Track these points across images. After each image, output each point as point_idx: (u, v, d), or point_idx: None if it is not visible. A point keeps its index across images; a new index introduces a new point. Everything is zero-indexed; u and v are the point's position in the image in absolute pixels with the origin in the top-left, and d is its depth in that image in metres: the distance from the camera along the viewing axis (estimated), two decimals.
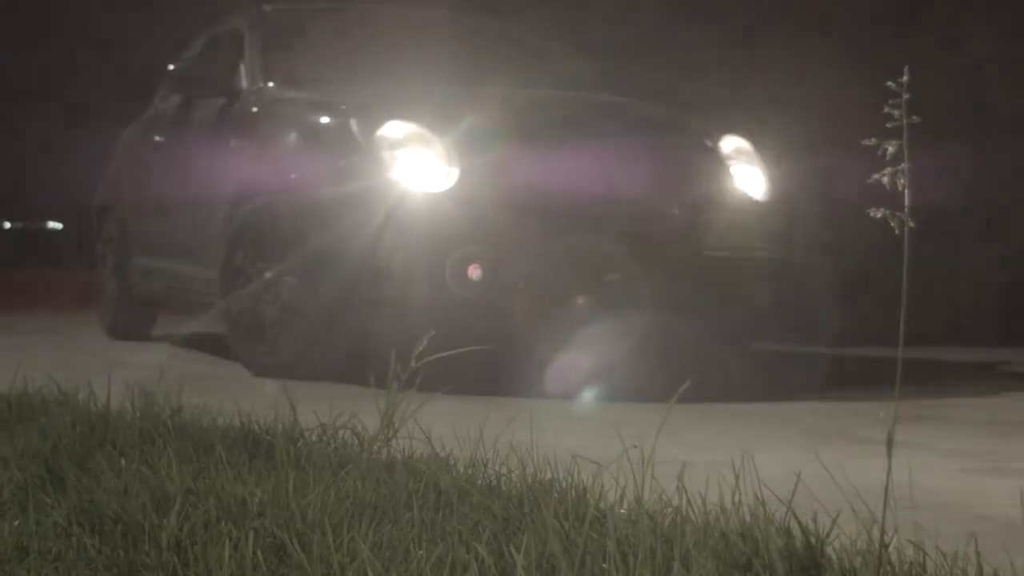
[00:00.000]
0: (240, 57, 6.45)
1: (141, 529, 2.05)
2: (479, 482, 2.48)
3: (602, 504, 2.20)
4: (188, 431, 3.14)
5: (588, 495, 2.27)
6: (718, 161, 5.59)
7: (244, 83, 6.30)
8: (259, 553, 1.90)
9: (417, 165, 5.17)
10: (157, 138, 7.38)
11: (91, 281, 8.61)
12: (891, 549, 1.82)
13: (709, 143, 5.69)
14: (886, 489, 1.77)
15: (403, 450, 2.81)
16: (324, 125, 5.63)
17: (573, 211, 5.19)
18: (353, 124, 5.36)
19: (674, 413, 2.45)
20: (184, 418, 3.35)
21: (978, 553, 1.81)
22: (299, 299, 5.42)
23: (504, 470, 2.57)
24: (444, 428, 3.07)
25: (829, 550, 1.87)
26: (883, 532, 1.78)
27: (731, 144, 5.67)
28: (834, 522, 1.94)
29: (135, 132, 8.02)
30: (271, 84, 6.19)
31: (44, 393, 3.71)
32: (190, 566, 1.85)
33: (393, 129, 5.26)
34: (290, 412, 3.16)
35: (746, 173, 5.58)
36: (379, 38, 6.77)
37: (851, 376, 5.73)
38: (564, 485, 2.35)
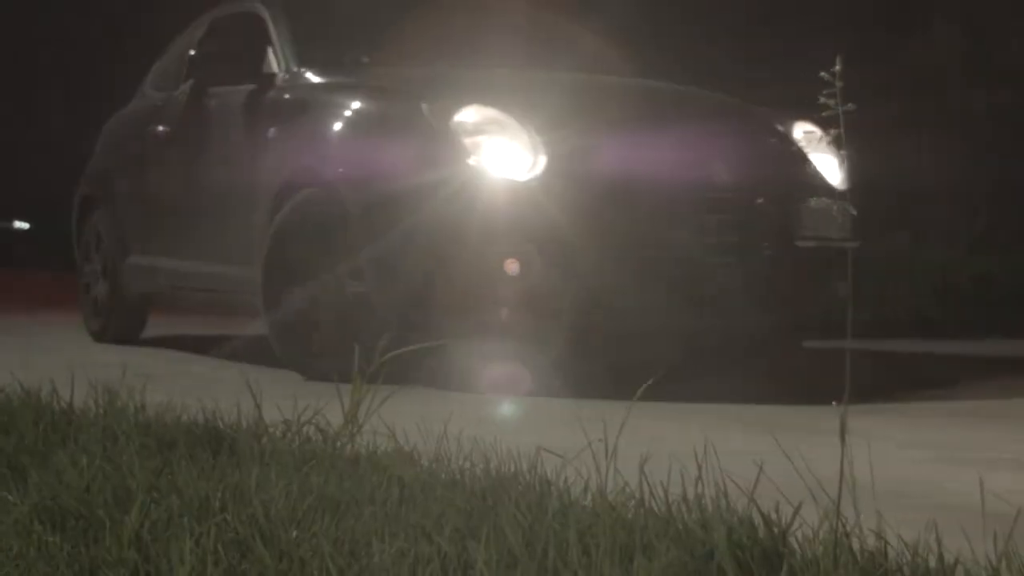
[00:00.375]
0: (264, 41, 6.12)
1: (102, 525, 2.04)
2: (443, 476, 2.48)
3: (566, 496, 2.21)
4: (152, 428, 3.13)
5: (552, 487, 2.27)
6: (796, 148, 5.42)
7: (277, 68, 5.96)
8: (220, 548, 1.90)
9: (500, 152, 4.91)
10: (160, 128, 6.95)
11: (58, 281, 8.47)
12: (852, 538, 1.82)
13: (782, 129, 5.51)
14: (840, 475, 1.78)
15: (367, 445, 2.81)
16: (388, 111, 5.32)
17: (668, 200, 4.95)
18: (425, 109, 5.05)
19: (640, 408, 2.45)
20: (148, 415, 3.34)
21: (939, 541, 1.82)
22: (372, 296, 5.08)
23: (468, 464, 2.58)
24: (409, 423, 3.07)
25: (791, 540, 1.88)
26: (838, 517, 1.79)
27: (802, 130, 5.48)
28: (796, 511, 1.95)
29: (124, 123, 7.66)
30: (308, 69, 5.89)
31: (8, 392, 3.69)
32: (151, 561, 1.85)
33: (471, 114, 5.00)
34: (255, 409, 3.16)
35: (821, 160, 5.39)
36: (406, 20, 6.36)
37: (817, 369, 5.74)
38: (528, 478, 2.36)
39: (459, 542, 1.95)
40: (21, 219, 37.87)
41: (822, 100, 1.96)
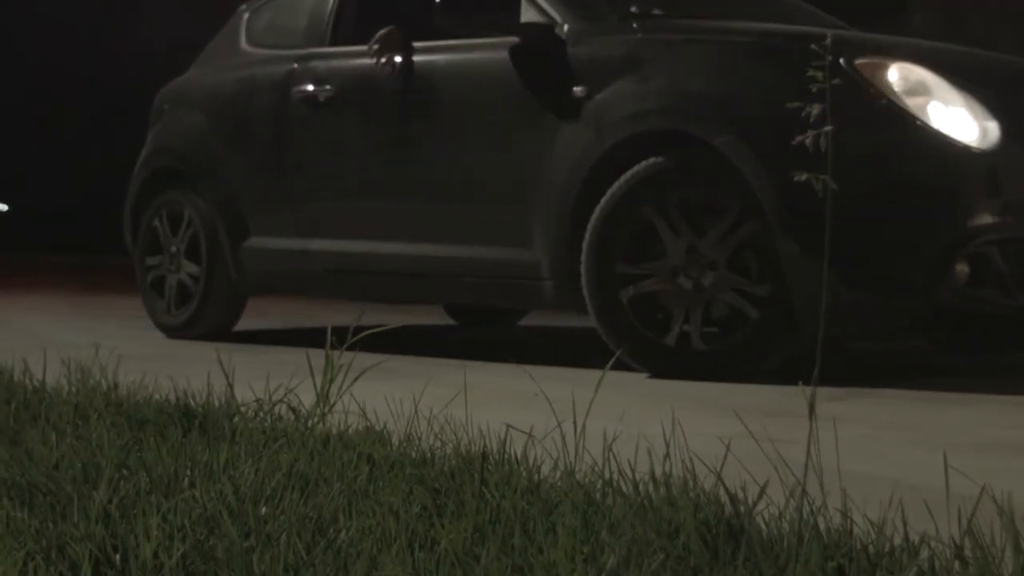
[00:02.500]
0: None
1: (70, 501, 2.04)
2: (413, 455, 2.49)
3: (534, 475, 2.22)
4: (123, 407, 3.14)
5: (520, 466, 2.28)
6: None
7: (557, 18, 5.21)
8: (188, 524, 1.90)
9: (947, 116, 4.46)
10: (316, 89, 6.11)
11: (35, 264, 8.37)
12: (818, 517, 1.84)
13: None
14: (807, 454, 1.79)
15: (339, 424, 2.81)
16: (780, 64, 4.59)
17: None
18: (844, 64, 4.46)
19: (611, 388, 2.47)
20: (120, 394, 3.34)
21: (904, 520, 1.84)
22: (795, 279, 4.47)
23: (438, 443, 2.59)
24: (380, 403, 3.08)
25: (758, 518, 1.89)
26: (803, 495, 1.80)
27: None
28: (762, 490, 1.96)
29: (219, 87, 6.73)
30: (607, 22, 5.20)
31: None
32: (118, 537, 1.85)
33: (906, 74, 4.52)
34: (227, 388, 3.16)
35: None
36: None
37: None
38: (496, 456, 2.37)
39: (426, 519, 1.96)
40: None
41: (809, 74, 1.96)
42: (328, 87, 6.08)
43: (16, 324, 7.69)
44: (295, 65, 6.31)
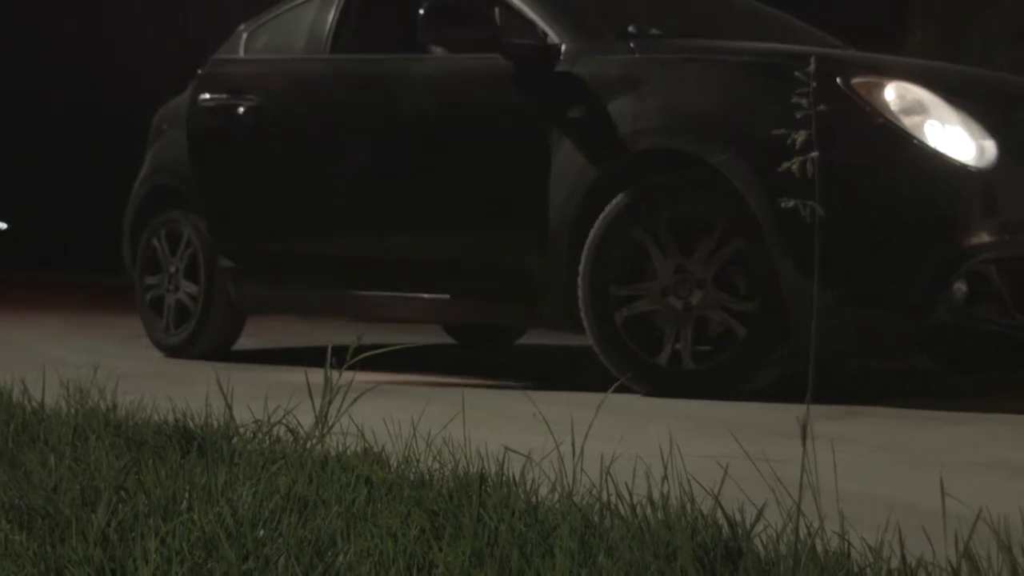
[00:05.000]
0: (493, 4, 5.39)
1: (69, 524, 2.04)
2: (411, 476, 2.49)
3: (532, 497, 2.23)
4: (122, 428, 3.14)
5: (518, 488, 2.28)
6: None
7: (553, 37, 5.20)
8: (185, 547, 1.90)
9: (944, 135, 4.44)
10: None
11: (34, 283, 8.34)
12: (815, 539, 1.84)
13: None
14: (801, 475, 1.79)
15: (337, 446, 2.81)
16: (779, 83, 4.12)
17: None
18: (841, 83, 4.46)
19: (609, 409, 2.47)
20: (118, 415, 3.34)
21: (901, 542, 1.84)
22: (791, 292, 4.47)
23: (436, 464, 2.59)
24: (379, 424, 3.08)
25: (756, 541, 1.89)
26: (799, 517, 1.80)
27: None
28: (759, 513, 1.97)
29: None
30: (605, 41, 5.20)
31: None
32: (116, 560, 1.85)
33: (902, 93, 4.52)
34: (226, 409, 3.17)
35: None
36: None
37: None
38: (495, 479, 2.37)
39: (424, 542, 1.97)
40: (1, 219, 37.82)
41: (794, 100, 1.97)
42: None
43: (14, 343, 7.69)
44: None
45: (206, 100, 6.43)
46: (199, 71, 6.63)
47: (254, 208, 6.27)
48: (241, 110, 6.24)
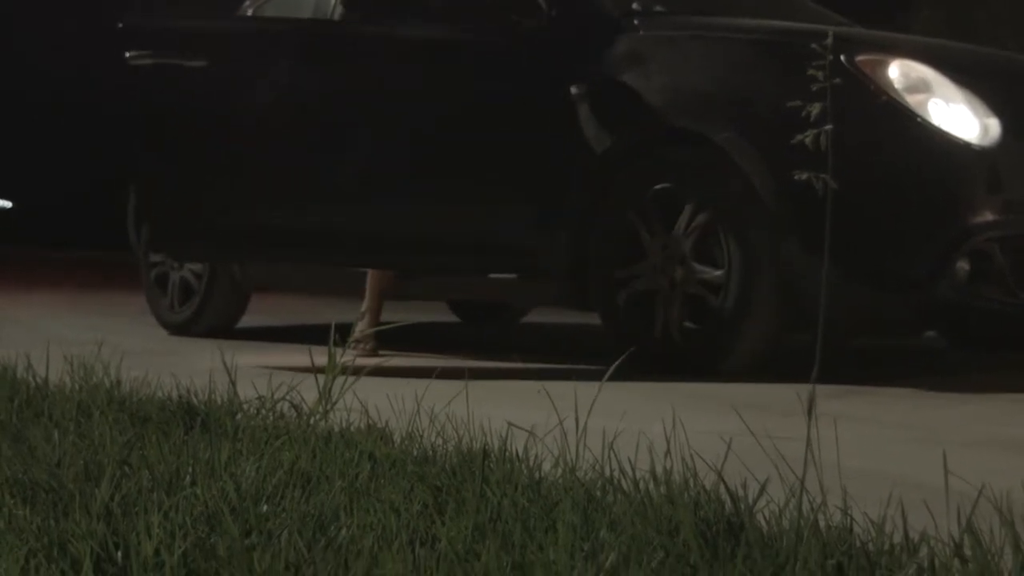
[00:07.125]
0: None
1: (72, 499, 2.05)
2: (414, 452, 2.50)
3: (535, 472, 2.23)
4: (126, 404, 3.14)
5: (521, 463, 2.29)
6: None
7: (559, 12, 5.14)
8: (189, 522, 1.91)
9: (948, 113, 4.44)
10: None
11: (38, 260, 8.33)
12: (818, 514, 1.84)
13: None
14: (806, 451, 1.79)
15: (341, 422, 2.82)
16: (792, 61, 4.21)
17: None
18: (845, 61, 4.42)
19: (613, 386, 2.47)
20: (122, 391, 3.35)
21: (904, 518, 1.84)
22: (799, 272, 4.49)
23: (439, 440, 2.59)
24: (383, 400, 3.08)
25: (759, 516, 1.89)
26: (802, 492, 1.80)
27: None
28: (762, 488, 1.97)
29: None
30: (610, 18, 5.11)
31: None
32: (120, 535, 1.85)
33: (906, 70, 4.50)
34: (229, 385, 3.17)
35: None
36: None
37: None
38: (498, 454, 2.37)
39: (427, 517, 1.97)
40: (3, 198, 37.80)
41: (810, 73, 1.96)
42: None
43: (19, 320, 7.69)
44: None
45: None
46: None
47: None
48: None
